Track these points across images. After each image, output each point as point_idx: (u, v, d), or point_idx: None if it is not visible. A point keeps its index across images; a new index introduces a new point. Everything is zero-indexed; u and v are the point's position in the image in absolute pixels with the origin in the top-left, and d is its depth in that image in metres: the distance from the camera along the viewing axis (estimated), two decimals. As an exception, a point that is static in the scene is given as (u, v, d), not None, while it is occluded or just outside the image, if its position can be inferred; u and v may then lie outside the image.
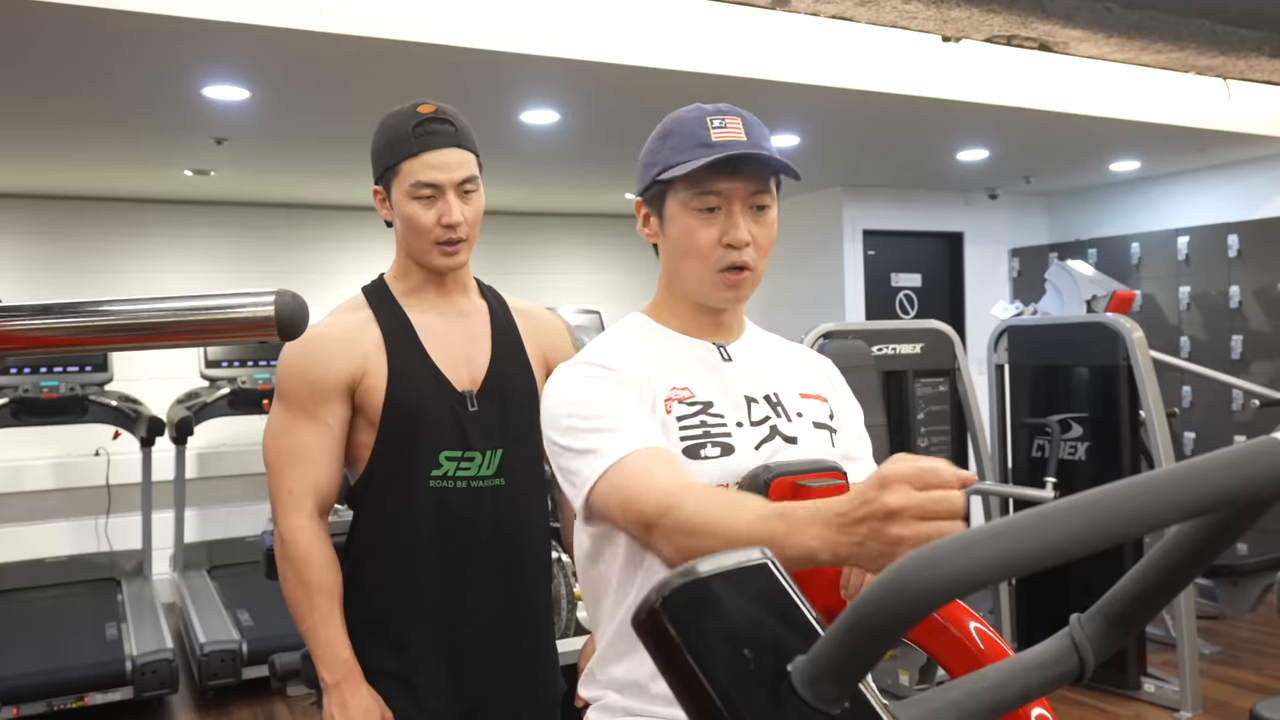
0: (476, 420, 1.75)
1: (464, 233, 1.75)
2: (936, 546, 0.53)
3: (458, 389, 1.75)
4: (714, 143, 1.31)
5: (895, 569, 0.53)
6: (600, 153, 5.27)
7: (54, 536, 5.88)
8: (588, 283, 7.55)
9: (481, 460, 1.74)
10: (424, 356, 1.75)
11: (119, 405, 5.35)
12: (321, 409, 1.71)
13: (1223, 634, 4.91)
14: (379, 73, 3.68)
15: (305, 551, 1.68)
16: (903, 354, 4.23)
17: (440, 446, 1.72)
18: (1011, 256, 7.41)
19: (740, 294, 1.37)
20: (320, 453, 1.71)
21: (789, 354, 1.50)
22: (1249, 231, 6.03)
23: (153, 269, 6.28)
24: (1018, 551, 0.54)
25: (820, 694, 0.55)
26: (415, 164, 1.71)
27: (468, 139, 1.77)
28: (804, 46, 3.90)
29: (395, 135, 1.74)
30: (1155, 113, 4.86)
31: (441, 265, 1.77)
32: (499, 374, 1.80)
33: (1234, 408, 5.99)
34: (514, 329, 1.87)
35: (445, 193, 1.72)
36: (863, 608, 0.54)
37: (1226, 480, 0.58)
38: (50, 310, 0.83)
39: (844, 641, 0.54)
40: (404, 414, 1.72)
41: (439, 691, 1.71)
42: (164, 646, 4.39)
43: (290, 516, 1.69)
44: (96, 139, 4.70)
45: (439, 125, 1.73)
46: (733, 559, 0.58)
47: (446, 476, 1.72)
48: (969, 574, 0.53)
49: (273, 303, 0.82)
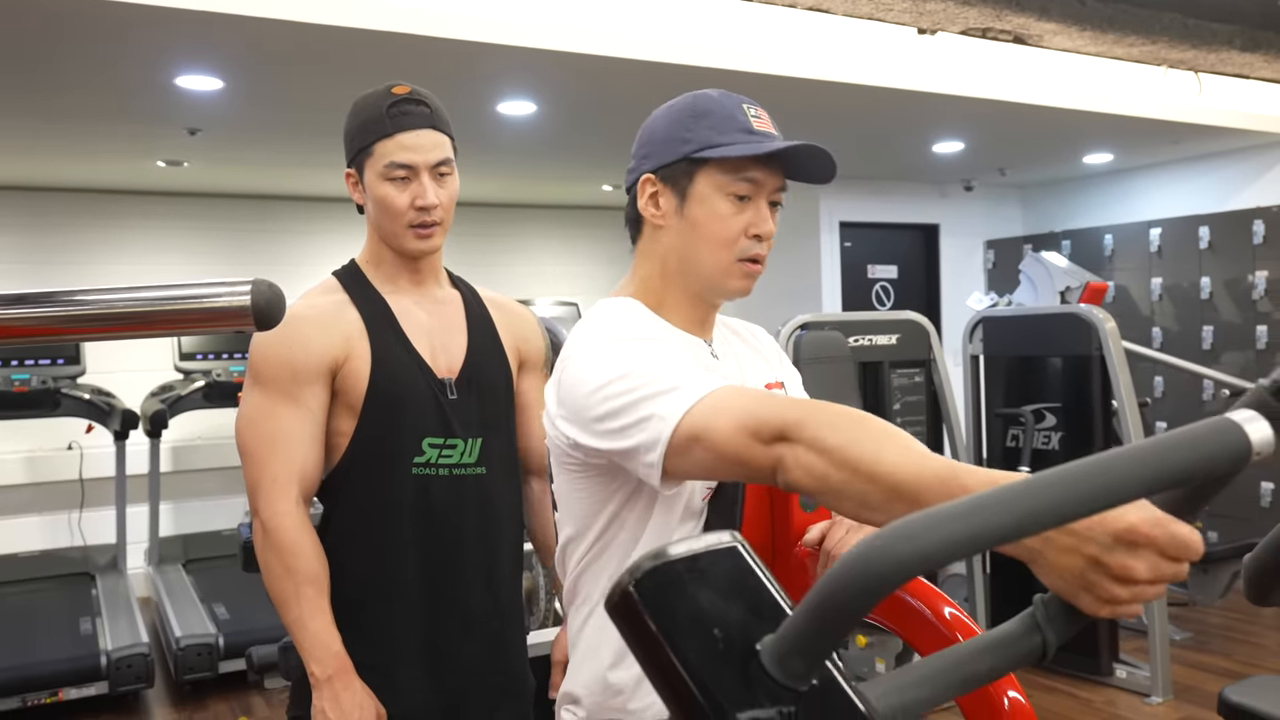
0: (457, 408, 1.72)
1: (438, 216, 1.72)
2: (901, 524, 0.54)
3: (438, 376, 1.73)
4: (756, 131, 1.30)
5: (860, 547, 0.54)
6: (577, 144, 5.26)
7: (27, 531, 5.83)
8: (564, 275, 7.54)
9: (464, 448, 1.72)
10: (405, 342, 1.72)
11: (92, 398, 5.31)
12: (303, 392, 1.65)
13: (1193, 620, 4.98)
14: (353, 63, 3.66)
15: (292, 539, 1.61)
16: (879, 345, 4.25)
17: (423, 433, 1.69)
18: (986, 248, 7.47)
19: (750, 286, 1.36)
20: (304, 437, 1.65)
21: (749, 346, 1.49)
22: (1220, 223, 6.10)
23: (125, 260, 6.22)
24: (981, 529, 0.55)
25: (788, 671, 0.56)
26: (389, 144, 1.67)
27: (443, 121, 1.74)
28: (780, 38, 3.91)
29: (369, 116, 1.70)
30: (1128, 105, 4.91)
31: (415, 249, 1.73)
32: (476, 363, 1.77)
33: (1205, 398, 6.07)
34: (489, 319, 1.85)
35: (420, 174, 1.69)
36: (829, 586, 0.54)
37: (1183, 458, 0.61)
38: (25, 300, 0.83)
39: (811, 619, 0.56)
40: (388, 400, 1.68)
41: (420, 686, 1.69)
42: (139, 641, 4.36)
43: (274, 503, 1.62)
44: (68, 129, 4.65)
45: (414, 106, 1.69)
46: (703, 542, 0.59)
47: (430, 464, 1.69)
48: (932, 551, 0.54)
49: (249, 292, 0.82)
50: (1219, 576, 4.77)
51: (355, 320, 1.70)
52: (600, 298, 1.41)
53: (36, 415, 5.26)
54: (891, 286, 7.15)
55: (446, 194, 1.73)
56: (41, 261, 6.04)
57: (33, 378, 5.07)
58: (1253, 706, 2.08)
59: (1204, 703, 3.99)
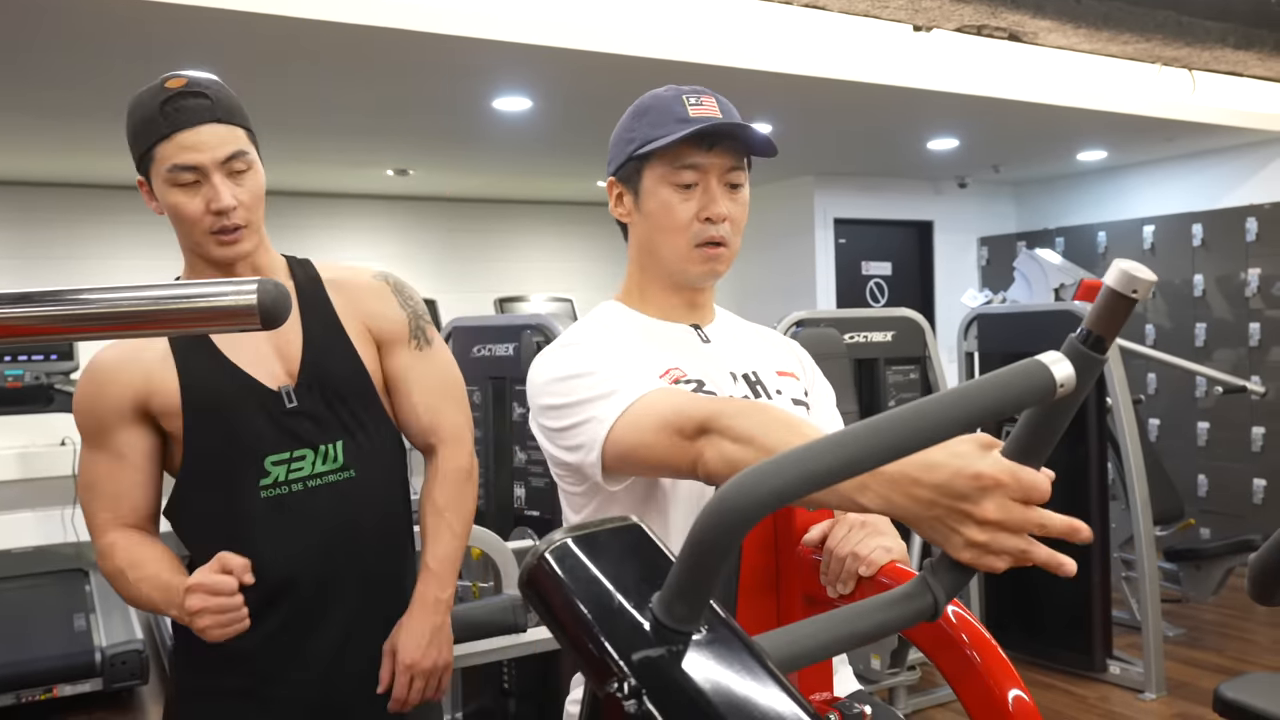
0: (299, 416, 1.57)
1: (240, 218, 1.54)
2: (751, 471, 0.63)
3: (270, 386, 1.56)
4: (692, 119, 1.33)
5: (718, 495, 0.62)
6: (572, 140, 5.26)
7: (19, 527, 5.80)
8: (560, 270, 7.54)
9: (315, 457, 1.57)
10: (219, 358, 1.56)
11: (85, 394, 5.28)
12: (111, 440, 1.54)
13: (1186, 617, 5.00)
14: (350, 59, 3.65)
15: (109, 552, 1.53)
16: (874, 342, 4.25)
17: (262, 452, 1.54)
18: (980, 245, 7.48)
19: (717, 269, 1.38)
20: (119, 485, 1.55)
21: (760, 335, 1.53)
22: (1213, 221, 6.12)
23: (118, 256, 6.20)
24: (820, 468, 0.63)
25: (675, 616, 0.62)
26: (168, 147, 1.49)
27: (228, 110, 1.54)
28: (776, 35, 3.91)
29: (143, 115, 1.51)
30: (1122, 103, 4.92)
31: (220, 256, 1.55)
32: (316, 362, 1.60)
33: (1197, 394, 6.09)
34: (327, 307, 1.65)
35: (209, 175, 1.50)
36: (695, 533, 0.62)
37: (996, 395, 0.69)
38: (30, 298, 0.82)
39: (685, 565, 0.62)
40: (208, 427, 1.53)
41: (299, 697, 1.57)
42: (134, 637, 4.35)
43: (96, 541, 1.56)
44: (60, 124, 4.63)
45: (189, 100, 1.50)
46: (608, 521, 0.69)
47: (278, 483, 1.54)
48: (780, 491, 0.62)
49: (255, 291, 0.81)
50: (1212, 573, 4.79)
51: (160, 350, 1.55)
52: (595, 293, 1.45)
53: (29, 411, 5.24)
54: (886, 283, 7.16)
55: (247, 192, 1.56)
56: (34, 257, 6.02)
57: (26, 373, 5.06)
58: (1248, 703, 2.09)
59: (1197, 699, 4.01)
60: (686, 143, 1.32)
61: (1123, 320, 0.76)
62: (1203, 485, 6.07)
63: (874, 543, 1.13)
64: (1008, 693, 0.94)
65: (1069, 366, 0.70)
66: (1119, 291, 0.75)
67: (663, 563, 0.67)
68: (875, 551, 1.12)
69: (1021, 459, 0.83)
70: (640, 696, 0.59)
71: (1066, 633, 4.38)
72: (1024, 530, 0.82)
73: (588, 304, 7.04)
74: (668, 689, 0.59)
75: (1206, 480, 6.07)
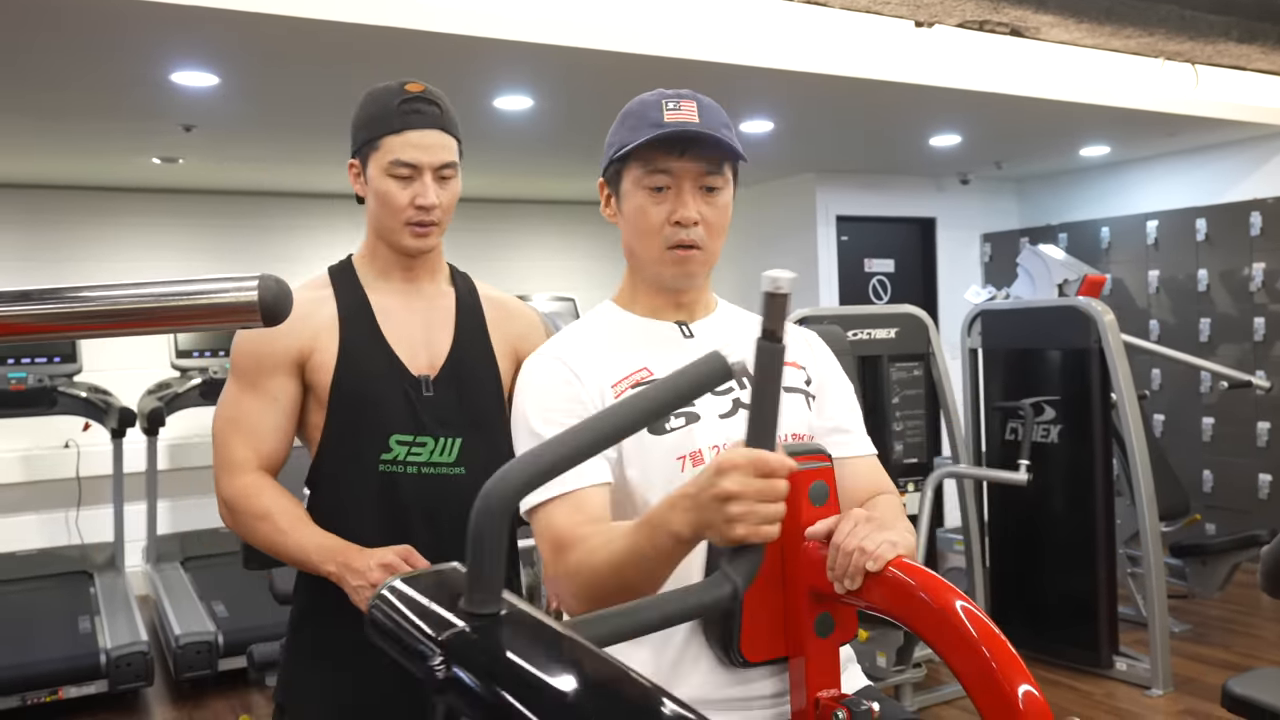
0: (431, 405, 1.70)
1: (437, 216, 1.71)
2: (505, 469, 0.82)
3: (413, 372, 1.71)
4: (665, 123, 1.35)
5: (480, 495, 0.78)
6: (574, 139, 5.25)
7: (24, 530, 5.81)
8: (561, 270, 7.53)
9: (434, 446, 1.69)
10: (378, 337, 1.71)
11: (89, 396, 5.29)
12: (267, 383, 1.68)
13: (1192, 613, 4.99)
14: (349, 58, 3.65)
15: (253, 502, 1.65)
16: (878, 339, 4.24)
17: (390, 429, 1.68)
18: (983, 241, 7.47)
19: (688, 270, 1.41)
20: (264, 424, 1.68)
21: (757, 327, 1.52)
22: (1217, 216, 6.10)
23: (120, 258, 6.20)
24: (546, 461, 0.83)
25: (475, 602, 0.73)
26: (396, 141, 1.67)
27: (452, 124, 1.73)
28: (777, 31, 3.90)
29: (379, 109, 1.69)
30: (1125, 98, 4.90)
31: (410, 246, 1.73)
32: (459, 360, 1.75)
33: (1202, 390, 6.07)
34: (480, 316, 1.83)
35: (423, 174, 1.68)
36: (470, 529, 0.76)
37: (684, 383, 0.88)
38: (29, 296, 0.82)
39: (471, 556, 0.75)
40: (351, 394, 1.68)
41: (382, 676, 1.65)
42: (138, 639, 4.35)
43: (233, 479, 1.68)
44: (62, 126, 4.63)
45: (425, 105, 1.69)
46: (437, 567, 0.84)
47: (396, 461, 1.68)
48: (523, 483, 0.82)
49: (256, 288, 0.81)
50: (1218, 569, 4.78)
51: (330, 315, 1.71)
52: (597, 292, 1.48)
53: (33, 413, 5.24)
54: (888, 280, 7.15)
55: (448, 195, 1.72)
56: (36, 259, 6.01)
57: (29, 376, 5.05)
58: (1257, 698, 2.08)
59: (1204, 695, 4.00)
60: (658, 147, 1.35)
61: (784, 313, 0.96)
62: (1208, 480, 6.06)
63: (880, 537, 1.12)
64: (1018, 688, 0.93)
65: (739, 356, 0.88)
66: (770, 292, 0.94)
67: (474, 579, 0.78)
68: (882, 546, 1.12)
69: (753, 443, 1.00)
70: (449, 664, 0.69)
71: (1072, 629, 4.37)
72: (768, 497, 0.99)
73: (590, 303, 7.01)
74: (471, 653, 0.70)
75: (1211, 475, 6.05)
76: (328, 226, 6.62)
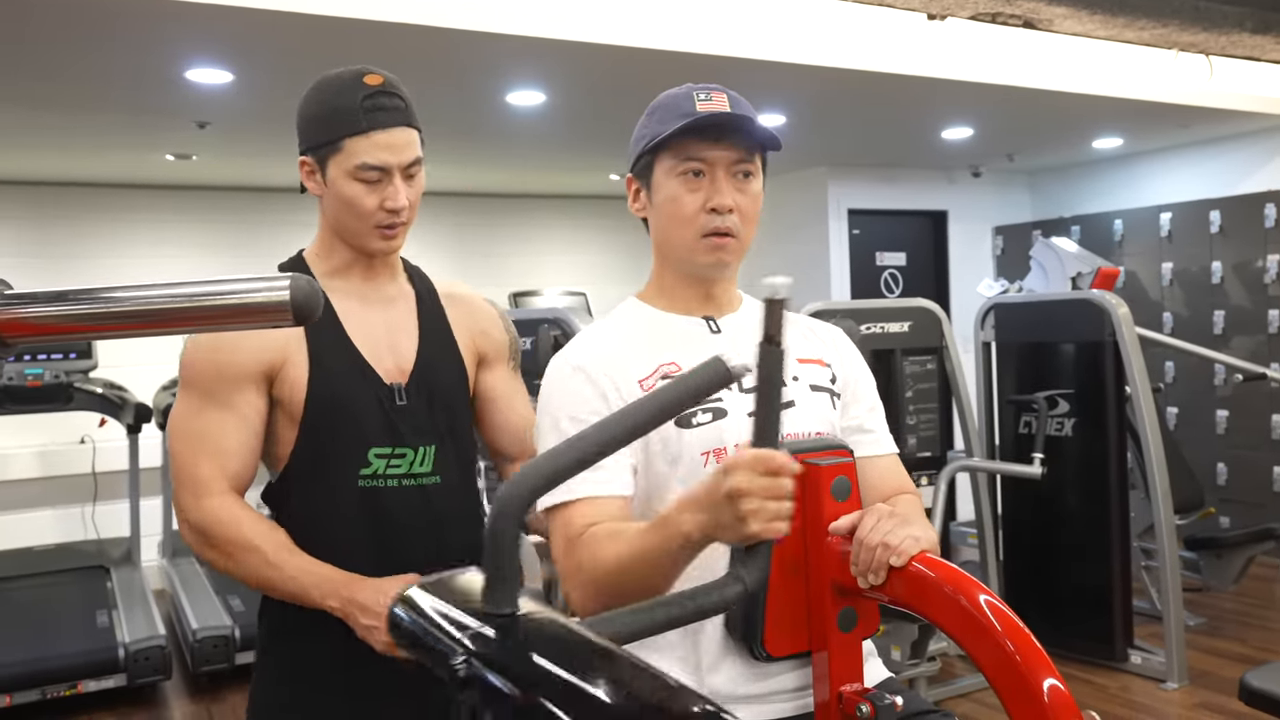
0: (405, 415, 1.62)
1: (406, 216, 1.61)
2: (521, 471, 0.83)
3: (386, 381, 1.62)
4: (698, 113, 1.36)
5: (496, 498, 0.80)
6: (586, 134, 5.26)
7: (40, 525, 5.85)
8: (573, 264, 7.53)
9: (414, 457, 1.62)
10: (349, 345, 1.61)
11: (104, 392, 5.32)
12: (231, 396, 1.55)
13: (1207, 606, 4.98)
14: (364, 54, 3.63)
15: (229, 529, 1.52)
16: (891, 333, 4.24)
17: (369, 443, 1.59)
18: (995, 234, 7.44)
19: (724, 258, 1.41)
20: (230, 441, 1.55)
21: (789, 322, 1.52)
22: (1231, 207, 6.07)
23: (133, 255, 6.23)
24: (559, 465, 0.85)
25: (494, 602, 0.75)
26: (363, 143, 1.55)
27: (414, 116, 1.62)
28: (789, 25, 3.90)
29: (339, 106, 1.57)
30: (1138, 89, 4.88)
31: (378, 249, 1.63)
32: (427, 365, 1.67)
33: (1216, 382, 6.05)
34: (442, 317, 1.73)
35: (392, 176, 1.57)
36: (487, 530, 0.78)
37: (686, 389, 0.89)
38: (65, 297, 0.83)
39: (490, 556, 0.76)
40: (328, 408, 1.58)
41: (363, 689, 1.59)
42: (156, 633, 4.38)
43: (200, 502, 1.53)
44: (75, 122, 4.65)
45: (389, 100, 1.58)
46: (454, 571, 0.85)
47: (377, 475, 1.59)
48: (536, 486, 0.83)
49: (288, 288, 0.82)
50: (1232, 562, 4.77)
51: None
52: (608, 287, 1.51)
53: (50, 409, 5.27)
54: (900, 274, 7.13)
55: (415, 193, 1.62)
56: (50, 255, 6.05)
57: (46, 372, 5.08)
58: (1275, 692, 2.08)
59: (1219, 688, 3.99)
60: (692, 136, 1.36)
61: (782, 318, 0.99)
62: (1222, 473, 6.04)
63: (904, 532, 1.13)
64: (1043, 682, 0.94)
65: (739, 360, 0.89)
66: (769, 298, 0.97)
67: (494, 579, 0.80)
68: (905, 541, 1.12)
69: (759, 444, 1.04)
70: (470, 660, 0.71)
71: (1087, 622, 4.37)
72: (776, 495, 1.02)
73: (601, 298, 7.04)
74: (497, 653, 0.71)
75: (1226, 468, 6.03)
76: (340, 222, 6.62)
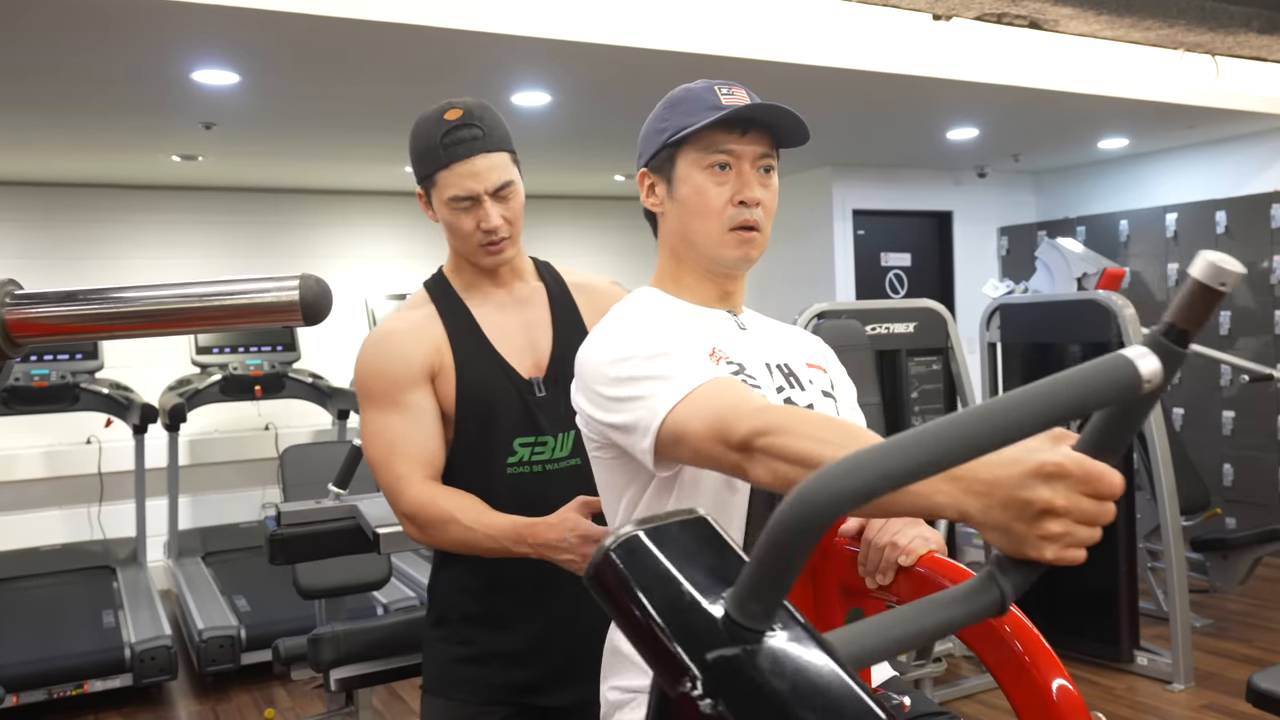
0: (545, 405, 1.78)
1: (505, 233, 1.76)
2: (830, 467, 0.60)
3: (524, 376, 1.79)
4: (724, 106, 1.35)
5: (797, 493, 0.60)
6: (592, 135, 5.26)
7: (47, 525, 5.86)
8: (577, 265, 7.50)
9: (554, 444, 1.78)
10: (488, 348, 1.78)
11: (110, 393, 5.33)
12: (409, 397, 1.73)
13: (1213, 607, 4.97)
14: (369, 55, 3.66)
15: (434, 510, 1.66)
16: (896, 333, 4.24)
17: (513, 434, 1.76)
18: (1000, 235, 7.44)
19: (750, 253, 1.39)
20: (418, 436, 1.72)
21: (785, 329, 1.55)
22: (1237, 208, 6.06)
23: (139, 255, 6.24)
24: (898, 466, 0.60)
25: (748, 614, 0.61)
26: (447, 176, 1.71)
27: (497, 139, 1.75)
28: (795, 26, 3.90)
29: (426, 145, 1.74)
30: (1144, 90, 4.87)
31: (488, 264, 1.80)
32: (563, 357, 1.79)
33: (1222, 383, 6.04)
34: (573, 308, 1.89)
35: (481, 201, 1.72)
36: (772, 531, 0.61)
37: (1080, 390, 0.65)
38: (75, 297, 0.83)
39: (761, 563, 0.61)
40: (476, 408, 1.75)
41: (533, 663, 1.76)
42: (162, 633, 4.39)
43: (405, 494, 1.69)
44: (82, 123, 4.66)
45: (465, 132, 1.71)
46: (676, 514, 0.68)
47: (522, 463, 1.76)
48: (858, 490, 0.60)
49: (297, 287, 0.82)
50: (1239, 563, 4.76)
51: (440, 332, 1.78)
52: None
53: (56, 410, 5.29)
54: (905, 274, 7.13)
55: (511, 210, 1.77)
56: (56, 256, 6.06)
57: (52, 373, 5.10)
58: (1283, 692, 2.08)
59: (1226, 689, 3.98)
60: (720, 128, 1.35)
61: (1208, 314, 0.73)
62: (1228, 474, 6.03)
63: (912, 532, 1.13)
64: (1052, 682, 0.93)
65: (1155, 361, 0.65)
66: (1206, 284, 0.70)
67: (732, 558, 0.66)
68: (914, 541, 1.12)
69: (1094, 455, 0.79)
70: (716, 696, 0.59)
71: (1093, 623, 4.36)
72: (1094, 522, 0.80)
73: (607, 298, 7.03)
74: (743, 689, 0.59)
75: (1232, 469, 6.02)
76: (346, 223, 6.64)
